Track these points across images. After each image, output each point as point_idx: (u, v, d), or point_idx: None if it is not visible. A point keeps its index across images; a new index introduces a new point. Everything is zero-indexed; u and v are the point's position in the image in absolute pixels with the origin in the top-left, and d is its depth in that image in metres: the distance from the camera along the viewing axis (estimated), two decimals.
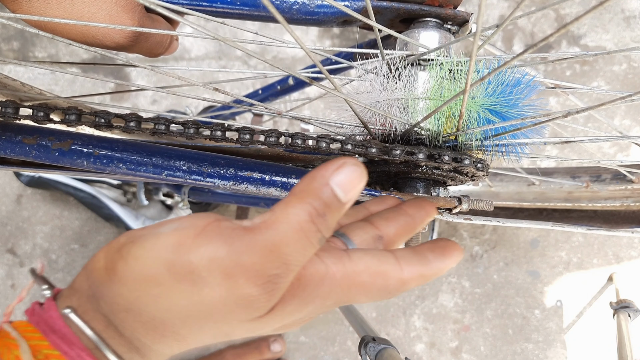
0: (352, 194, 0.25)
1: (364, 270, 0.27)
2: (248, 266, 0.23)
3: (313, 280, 0.26)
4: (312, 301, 0.26)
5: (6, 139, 0.36)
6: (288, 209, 0.24)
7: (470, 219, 0.44)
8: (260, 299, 0.24)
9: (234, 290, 0.23)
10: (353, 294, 0.27)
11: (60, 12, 0.31)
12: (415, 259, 0.29)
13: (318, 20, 0.38)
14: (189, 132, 0.34)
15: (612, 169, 0.59)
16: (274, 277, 0.23)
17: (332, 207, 0.25)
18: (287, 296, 0.25)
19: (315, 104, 1.02)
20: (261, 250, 0.23)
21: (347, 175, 0.25)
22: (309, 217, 0.24)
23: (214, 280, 0.23)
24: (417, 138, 0.36)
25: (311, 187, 0.25)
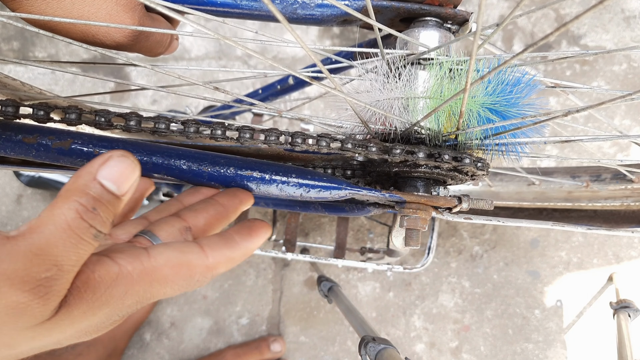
0: (126, 185, 0.25)
1: (164, 264, 0.27)
2: (10, 273, 0.22)
3: (103, 281, 0.25)
4: (106, 303, 0.25)
5: (6, 138, 0.36)
6: (54, 210, 0.24)
7: (470, 218, 0.44)
8: (33, 305, 0.22)
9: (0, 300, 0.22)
10: (157, 289, 0.27)
11: (60, 11, 0.31)
12: (221, 243, 0.30)
13: (318, 20, 0.38)
14: (189, 131, 0.34)
15: (612, 169, 0.59)
16: (45, 280, 0.22)
17: (104, 201, 0.24)
18: (73, 299, 0.24)
19: (315, 104, 1.02)
20: (24, 256, 0.22)
21: (114, 167, 0.25)
22: (76, 214, 0.23)
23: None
24: (417, 137, 0.36)
25: (77, 185, 0.24)
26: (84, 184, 0.25)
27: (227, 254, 0.30)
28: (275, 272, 1.01)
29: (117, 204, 0.26)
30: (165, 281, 0.27)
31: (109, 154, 0.25)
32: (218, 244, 0.30)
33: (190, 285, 0.29)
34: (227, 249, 0.30)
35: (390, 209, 0.43)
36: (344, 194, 0.38)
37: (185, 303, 1.01)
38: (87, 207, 0.24)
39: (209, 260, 0.29)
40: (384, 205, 0.43)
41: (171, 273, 0.27)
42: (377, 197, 0.38)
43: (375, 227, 1.00)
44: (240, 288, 1.01)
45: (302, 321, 0.99)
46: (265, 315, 1.00)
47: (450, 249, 0.98)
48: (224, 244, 0.30)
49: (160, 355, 1.00)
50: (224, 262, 0.30)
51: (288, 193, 0.37)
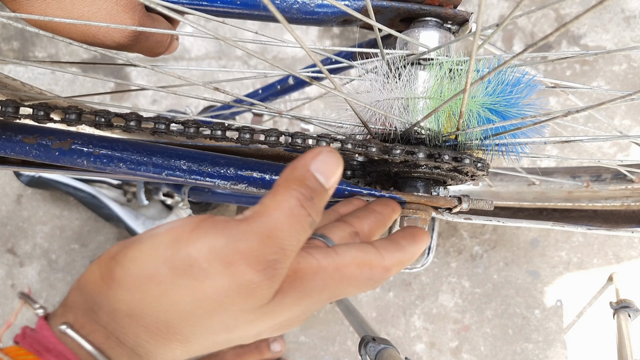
0: (333, 179, 0.27)
1: (351, 261, 0.28)
2: (247, 252, 0.23)
3: (308, 273, 0.26)
4: (309, 294, 0.27)
5: (6, 138, 0.36)
6: (277, 197, 0.25)
7: (470, 218, 0.44)
8: (262, 286, 0.24)
9: (236, 278, 0.23)
10: (344, 286, 0.28)
11: (60, 11, 0.31)
12: (393, 247, 0.32)
13: (318, 20, 0.38)
14: (189, 131, 0.34)
15: (612, 169, 0.59)
16: (273, 262, 0.24)
17: (316, 192, 0.26)
18: (285, 287, 0.26)
19: (315, 104, 1.02)
20: (258, 237, 0.24)
21: (324, 161, 0.27)
22: (297, 202, 0.25)
23: (215, 270, 0.23)
24: (417, 137, 0.36)
25: (295, 176, 0.26)
26: (301, 174, 0.26)
27: (398, 257, 0.31)
28: None
29: (326, 196, 0.27)
30: (351, 278, 0.28)
31: (319, 148, 0.27)
32: (390, 247, 0.32)
33: (369, 285, 0.30)
34: (398, 252, 0.32)
35: None
36: (343, 194, 0.38)
37: None
38: (306, 196, 0.26)
39: (385, 262, 0.30)
40: None
41: (356, 271, 0.29)
42: (376, 197, 0.38)
43: None
44: None
45: None
46: None
47: (450, 249, 0.98)
48: (395, 248, 0.32)
49: None
50: (396, 264, 0.31)
51: None
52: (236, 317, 0.25)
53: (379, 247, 0.31)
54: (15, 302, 1.04)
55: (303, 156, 0.27)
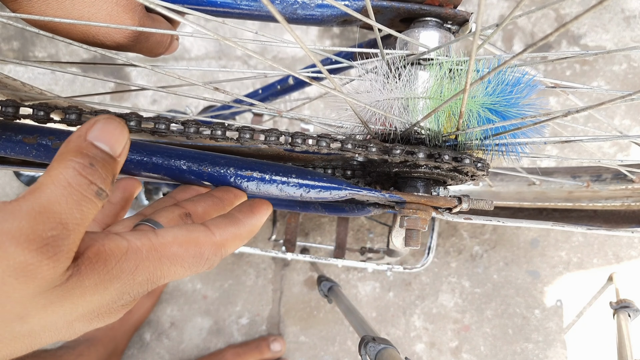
0: (118, 145, 0.26)
1: (172, 241, 0.27)
2: (15, 232, 0.21)
3: (113, 254, 0.25)
4: (117, 277, 0.25)
5: (6, 138, 0.36)
6: (51, 172, 0.24)
7: (470, 218, 0.44)
8: (42, 266, 0.22)
9: (6, 261, 0.21)
10: (167, 266, 0.27)
11: (60, 11, 0.31)
12: (226, 221, 0.31)
13: (318, 20, 0.38)
14: (189, 131, 0.34)
15: (612, 169, 0.59)
16: (51, 239, 0.22)
17: (99, 159, 0.25)
18: (84, 268, 0.24)
19: (315, 104, 1.02)
20: (27, 214, 0.22)
21: (102, 129, 0.26)
22: (73, 171, 0.24)
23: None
24: (417, 137, 0.36)
25: (69, 147, 0.25)
26: (76, 145, 0.25)
27: (232, 231, 0.31)
28: (275, 272, 1.01)
29: (114, 164, 0.26)
30: (174, 258, 0.27)
31: (95, 117, 0.26)
32: (223, 222, 0.31)
33: (200, 264, 0.29)
34: (232, 226, 0.31)
35: (390, 209, 0.43)
36: (343, 194, 0.38)
37: (185, 303, 1.01)
38: (83, 164, 0.24)
39: (216, 237, 0.30)
40: (384, 206, 0.43)
41: (180, 250, 0.28)
42: (377, 197, 0.38)
43: (375, 227, 1.00)
44: (240, 288, 1.01)
45: (302, 321, 0.99)
46: (265, 315, 1.00)
47: (450, 248, 0.98)
48: (229, 222, 0.31)
49: (160, 355, 1.00)
50: (231, 239, 0.31)
51: (288, 193, 0.37)
52: (24, 304, 0.22)
53: (209, 224, 0.30)
54: None
55: (78, 128, 0.25)
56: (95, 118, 0.26)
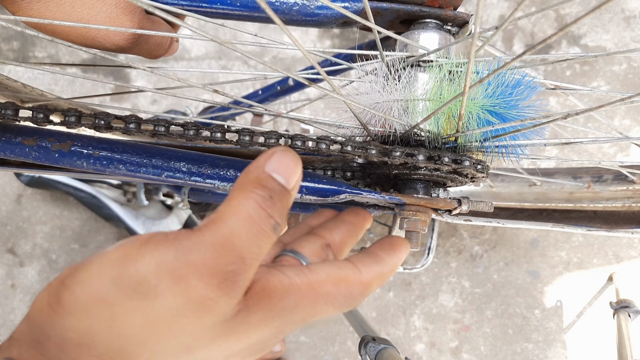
0: (293, 178, 0.25)
1: (326, 279, 0.27)
2: (198, 264, 0.21)
3: (277, 290, 0.25)
4: (279, 314, 0.25)
5: (6, 140, 0.36)
6: (232, 202, 0.23)
7: (470, 220, 0.44)
8: (219, 301, 0.22)
9: (187, 294, 0.21)
10: (320, 305, 0.27)
11: (59, 14, 0.31)
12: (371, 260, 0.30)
13: (318, 22, 0.38)
14: (188, 133, 0.34)
15: (613, 170, 0.59)
16: (230, 274, 0.22)
17: (276, 192, 0.24)
18: (252, 304, 0.24)
19: (315, 105, 1.01)
20: (211, 247, 0.22)
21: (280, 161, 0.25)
22: (255, 203, 0.23)
23: (164, 286, 0.21)
24: (416, 139, 0.36)
25: (249, 178, 0.24)
26: (256, 176, 0.24)
27: (377, 270, 0.30)
28: None
29: (288, 197, 0.25)
30: (328, 297, 0.27)
31: (272, 149, 0.26)
32: (368, 261, 0.30)
33: (348, 303, 0.28)
34: (377, 265, 0.30)
35: (390, 210, 0.43)
36: (343, 196, 0.38)
37: None
38: (264, 196, 0.24)
39: (364, 277, 0.29)
40: (384, 207, 0.43)
41: (333, 289, 0.27)
42: (376, 199, 0.38)
43: (375, 227, 1.00)
44: None
45: None
46: None
47: (450, 248, 0.98)
48: (373, 261, 0.30)
49: None
50: (377, 278, 0.30)
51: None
52: (195, 336, 0.23)
53: (355, 262, 0.29)
54: (16, 303, 1.04)
55: (256, 159, 0.25)
56: (272, 150, 0.26)
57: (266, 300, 0.24)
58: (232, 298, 0.22)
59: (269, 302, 0.24)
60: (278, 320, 0.25)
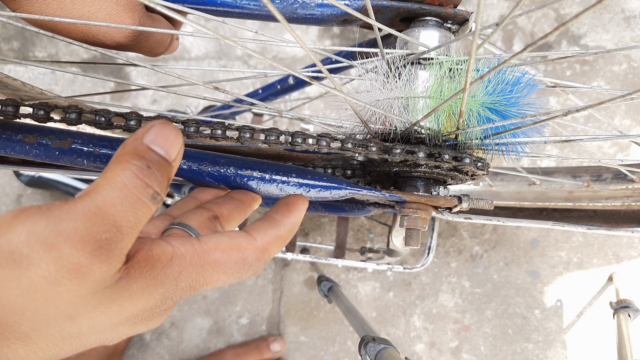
0: (173, 150, 0.26)
1: (215, 247, 0.27)
2: (70, 232, 0.22)
3: (160, 260, 0.25)
4: (162, 281, 0.25)
5: (6, 137, 0.36)
6: (108, 174, 0.24)
7: (470, 218, 0.44)
8: (93, 268, 0.22)
9: (60, 261, 0.21)
10: (209, 273, 0.27)
11: (60, 11, 0.31)
12: (265, 225, 0.31)
13: (318, 20, 0.38)
14: (189, 130, 0.34)
15: (613, 169, 0.59)
16: (105, 242, 0.22)
17: (155, 162, 0.25)
18: (133, 272, 0.24)
19: (315, 104, 1.02)
20: (83, 215, 0.22)
21: (158, 133, 0.25)
22: (131, 173, 0.24)
23: (36, 254, 0.21)
24: (417, 137, 0.36)
25: (126, 150, 0.25)
26: (133, 147, 0.25)
27: (273, 234, 0.31)
28: (275, 272, 1.01)
29: (169, 168, 0.26)
30: (217, 265, 0.27)
31: (151, 122, 0.26)
32: (262, 226, 0.31)
33: (244, 270, 0.29)
34: (272, 228, 0.31)
35: (390, 208, 0.43)
36: (344, 193, 0.38)
37: (185, 303, 1.01)
38: (140, 166, 0.24)
39: (258, 242, 0.30)
40: (384, 205, 0.43)
41: (222, 256, 0.28)
42: (377, 196, 0.38)
43: (375, 227, 1.00)
44: (240, 288, 1.01)
45: (302, 321, 0.99)
46: (265, 315, 1.00)
47: (450, 248, 0.98)
48: (269, 225, 0.31)
49: (160, 355, 1.00)
50: (273, 241, 0.31)
51: (288, 193, 0.37)
52: (75, 304, 0.23)
53: (249, 230, 0.30)
54: None
55: (134, 133, 0.26)
56: (150, 122, 0.26)
57: (149, 268, 0.25)
58: (109, 265, 0.23)
59: (151, 271, 0.25)
60: (162, 287, 0.25)
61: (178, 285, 0.26)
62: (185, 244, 0.27)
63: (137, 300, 0.25)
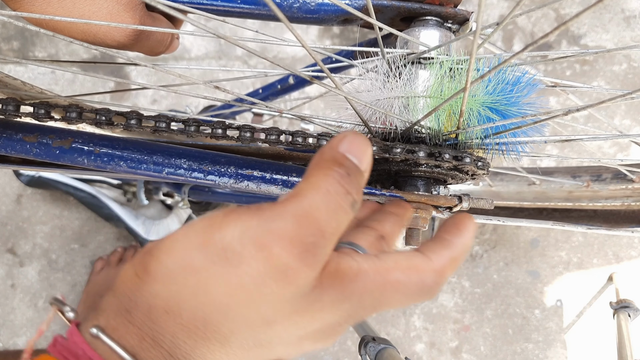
0: (365, 159, 0.26)
1: (395, 266, 0.27)
2: (281, 233, 0.22)
3: (348, 274, 0.25)
4: (349, 297, 0.25)
5: (7, 136, 0.36)
6: (311, 179, 0.24)
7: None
8: (299, 271, 0.22)
9: (270, 261, 0.22)
10: (390, 292, 0.26)
11: (61, 10, 0.31)
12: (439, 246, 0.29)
13: (319, 19, 0.38)
14: (189, 130, 0.35)
15: (612, 169, 0.59)
16: (311, 245, 0.22)
17: (352, 170, 0.25)
18: (326, 283, 0.24)
19: (315, 103, 1.02)
20: (292, 217, 0.22)
21: (352, 142, 0.26)
22: (334, 180, 0.24)
23: (248, 252, 0.22)
24: (417, 136, 0.36)
25: (325, 158, 0.25)
26: (331, 156, 0.25)
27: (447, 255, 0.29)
28: None
29: (362, 177, 0.26)
30: (397, 284, 0.27)
31: (343, 133, 0.26)
32: (436, 247, 0.30)
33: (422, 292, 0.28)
34: (446, 249, 0.30)
35: None
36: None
37: None
38: (342, 173, 0.24)
39: (434, 264, 0.28)
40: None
41: (402, 276, 0.27)
42: (377, 196, 0.38)
43: None
44: None
45: None
46: None
47: None
48: (441, 246, 0.30)
49: None
50: (449, 263, 0.29)
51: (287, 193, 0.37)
52: (274, 307, 0.23)
53: (424, 250, 0.29)
54: (16, 303, 1.04)
55: (329, 141, 0.26)
56: (343, 133, 0.26)
57: (338, 281, 0.25)
58: (312, 270, 0.23)
59: (340, 283, 0.25)
60: (348, 303, 0.25)
61: (362, 303, 0.26)
62: (368, 261, 0.26)
63: (326, 314, 0.25)
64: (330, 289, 0.24)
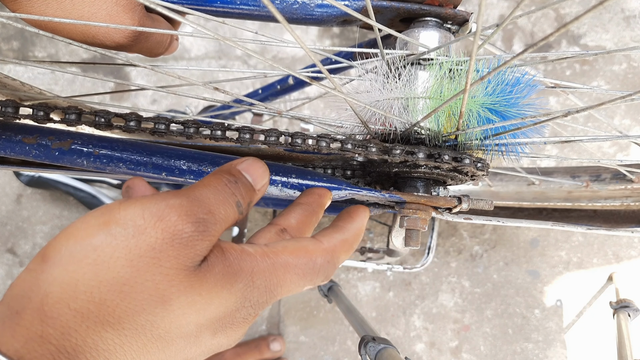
0: (260, 181, 0.31)
1: (282, 250, 0.29)
2: (178, 207, 0.25)
3: (231, 251, 0.27)
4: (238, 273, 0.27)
5: (6, 138, 0.36)
6: (204, 180, 0.28)
7: (470, 218, 0.44)
8: (192, 237, 0.25)
9: (168, 229, 0.25)
10: (281, 273, 0.29)
11: (60, 11, 0.31)
12: (330, 230, 0.33)
13: (318, 20, 0.38)
14: (189, 131, 0.34)
15: (612, 169, 0.59)
16: (202, 219, 0.26)
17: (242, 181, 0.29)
18: (213, 258, 0.26)
19: (315, 104, 1.02)
20: (187, 198, 0.26)
21: (250, 164, 0.31)
22: (222, 182, 0.28)
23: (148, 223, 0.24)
24: (417, 137, 0.36)
25: (221, 169, 0.30)
26: (227, 168, 0.30)
27: (338, 237, 0.33)
28: None
29: (253, 194, 0.30)
30: (287, 266, 0.29)
31: (243, 157, 0.31)
32: (327, 231, 0.33)
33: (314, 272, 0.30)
34: (337, 233, 0.33)
35: (390, 209, 0.43)
36: (343, 194, 0.38)
37: None
38: (230, 180, 0.29)
39: (325, 245, 0.31)
40: (384, 206, 0.43)
41: (291, 258, 0.29)
42: (377, 197, 0.38)
43: (375, 227, 1.00)
44: None
45: (302, 321, 0.99)
46: (265, 315, 1.00)
47: (450, 248, 0.98)
48: (333, 230, 0.33)
49: None
50: (340, 245, 0.32)
51: (288, 193, 0.37)
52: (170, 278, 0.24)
53: (316, 235, 0.32)
54: None
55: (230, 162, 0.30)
56: (244, 157, 0.31)
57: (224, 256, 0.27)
58: (203, 240, 0.26)
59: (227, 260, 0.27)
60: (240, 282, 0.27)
61: (254, 283, 0.27)
62: (254, 246, 0.29)
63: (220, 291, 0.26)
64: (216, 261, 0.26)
